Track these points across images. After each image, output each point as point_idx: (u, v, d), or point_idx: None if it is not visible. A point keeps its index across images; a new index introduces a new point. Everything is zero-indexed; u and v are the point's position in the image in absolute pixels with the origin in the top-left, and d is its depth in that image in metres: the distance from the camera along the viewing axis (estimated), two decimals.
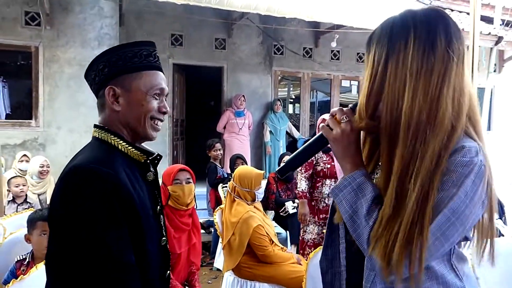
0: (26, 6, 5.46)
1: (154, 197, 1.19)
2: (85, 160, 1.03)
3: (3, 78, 7.48)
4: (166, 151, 6.59)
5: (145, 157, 1.16)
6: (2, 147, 5.38)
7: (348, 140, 0.93)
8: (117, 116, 1.13)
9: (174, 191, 2.21)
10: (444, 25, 0.86)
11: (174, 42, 6.62)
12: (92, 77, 1.15)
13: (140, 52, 1.15)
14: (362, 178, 0.89)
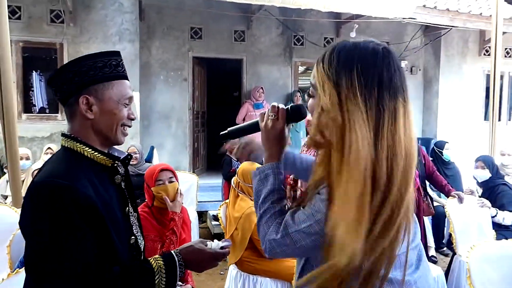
0: (51, 5, 5.66)
1: (123, 199, 1.25)
2: (46, 175, 1.10)
3: (39, 72, 7.85)
4: (187, 143, 6.73)
5: (112, 161, 1.22)
6: (31, 140, 5.67)
7: (268, 133, 1.06)
8: (89, 124, 1.18)
9: (157, 192, 2.19)
10: (379, 75, 0.89)
11: (193, 36, 6.69)
12: (59, 84, 1.18)
13: (110, 62, 1.20)
14: (270, 170, 1.04)
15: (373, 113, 0.86)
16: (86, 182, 1.11)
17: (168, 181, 2.22)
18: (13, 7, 5.59)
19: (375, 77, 0.89)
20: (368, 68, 0.89)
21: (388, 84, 0.89)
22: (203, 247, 1.25)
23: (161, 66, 6.56)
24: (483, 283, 2.05)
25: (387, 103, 0.88)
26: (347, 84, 0.88)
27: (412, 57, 7.52)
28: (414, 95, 7.72)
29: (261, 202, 1.03)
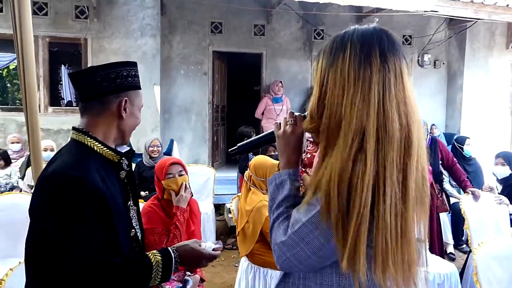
0: (75, 1, 5.84)
1: (126, 193, 1.33)
2: (61, 165, 1.16)
3: (68, 66, 8.11)
4: (206, 137, 6.83)
5: (118, 157, 1.30)
6: (57, 132, 5.89)
7: (288, 140, 1.05)
8: (116, 122, 1.30)
9: (168, 185, 2.24)
10: (379, 42, 0.92)
11: (213, 30, 6.75)
12: (98, 80, 1.26)
13: (131, 73, 1.34)
14: (286, 176, 1.02)
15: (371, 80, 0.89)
16: (97, 175, 1.18)
17: (178, 175, 2.26)
18: (40, 3, 5.80)
19: (372, 45, 0.92)
20: (364, 40, 0.93)
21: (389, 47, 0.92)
22: (197, 247, 1.34)
23: (182, 60, 6.66)
24: (490, 281, 2.03)
25: (393, 63, 0.91)
26: (336, 60, 0.94)
27: (435, 51, 7.35)
28: (437, 89, 7.55)
29: (275, 208, 1.00)
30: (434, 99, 7.48)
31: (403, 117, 0.89)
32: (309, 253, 0.91)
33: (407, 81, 0.92)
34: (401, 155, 0.88)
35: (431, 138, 3.53)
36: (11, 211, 3.00)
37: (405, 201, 0.89)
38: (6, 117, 5.89)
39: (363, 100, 0.88)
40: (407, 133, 0.89)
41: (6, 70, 8.34)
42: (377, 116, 0.87)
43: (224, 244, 4.83)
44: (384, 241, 0.87)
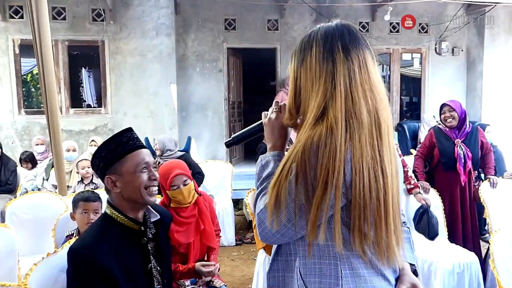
0: (92, 4, 5.97)
1: (146, 257, 1.49)
2: (77, 243, 1.41)
3: (88, 68, 8.32)
4: (223, 133, 6.89)
5: (138, 226, 1.48)
6: (78, 133, 6.06)
7: (273, 126, 1.13)
8: (120, 195, 1.45)
9: (174, 196, 2.21)
10: (341, 37, 1.01)
11: (227, 27, 6.79)
12: (95, 170, 1.49)
13: (120, 140, 1.44)
14: (271, 157, 1.10)
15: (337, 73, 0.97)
16: (110, 248, 1.37)
17: (183, 185, 2.21)
18: (59, 8, 5.97)
19: (334, 40, 1.00)
20: (326, 37, 1.01)
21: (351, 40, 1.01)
22: None
23: (197, 58, 6.73)
24: (507, 268, 2.00)
25: (356, 55, 0.99)
26: (305, 58, 1.03)
27: (453, 38, 7.18)
28: (456, 77, 7.39)
29: (259, 184, 1.08)
30: (453, 87, 7.33)
31: (370, 103, 0.96)
32: (284, 221, 0.97)
33: (372, 70, 1.00)
34: (374, 137, 0.95)
35: (472, 126, 3.50)
36: (36, 210, 3.12)
37: (383, 178, 0.95)
38: (30, 120, 6.10)
39: (326, 91, 0.97)
40: (376, 116, 0.96)
41: (30, 75, 8.60)
42: (345, 103, 0.94)
43: (243, 238, 4.89)
44: (362, 216, 0.93)
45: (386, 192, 0.96)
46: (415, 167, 3.59)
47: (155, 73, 6.16)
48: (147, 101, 6.17)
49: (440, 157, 3.50)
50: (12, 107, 6.03)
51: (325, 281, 0.97)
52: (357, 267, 0.97)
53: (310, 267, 0.99)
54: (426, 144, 3.64)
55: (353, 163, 0.92)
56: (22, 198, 3.24)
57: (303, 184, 0.93)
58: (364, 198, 0.93)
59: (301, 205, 0.94)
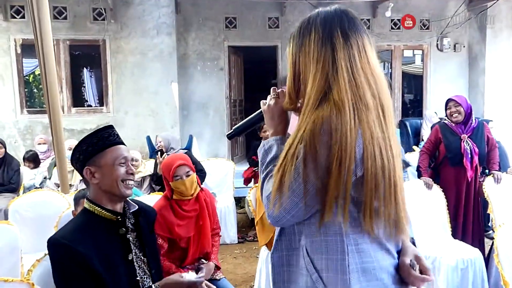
0: (93, 3, 5.98)
1: (126, 247, 1.52)
2: (58, 233, 1.46)
3: (90, 68, 8.34)
4: (225, 131, 6.89)
5: (115, 217, 1.51)
6: (80, 132, 6.07)
7: (272, 112, 1.13)
8: (98, 187, 1.49)
9: (176, 187, 2.24)
10: (340, 22, 1.02)
11: (228, 25, 6.78)
12: (75, 164, 1.54)
13: (102, 135, 1.51)
14: (273, 142, 1.10)
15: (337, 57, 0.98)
16: (88, 239, 1.41)
17: (185, 176, 2.25)
18: (60, 8, 5.97)
19: (333, 26, 1.01)
20: (325, 22, 1.02)
21: (350, 25, 1.02)
22: (179, 279, 1.48)
23: (198, 56, 6.73)
24: (511, 262, 2.00)
25: (355, 40, 1.00)
26: (304, 43, 1.04)
27: (454, 34, 7.16)
28: (458, 73, 7.37)
29: (263, 168, 1.08)
30: (455, 83, 7.30)
31: (373, 86, 0.98)
32: (296, 201, 0.97)
33: (371, 55, 1.02)
34: (380, 119, 0.97)
35: (478, 121, 3.50)
36: (39, 207, 3.13)
37: (393, 157, 0.99)
38: (32, 119, 6.11)
39: (327, 76, 0.98)
40: (379, 100, 0.98)
41: (32, 76, 8.62)
42: (350, 87, 0.96)
43: (246, 236, 4.88)
44: (374, 192, 0.96)
45: (395, 170, 0.98)
46: (419, 162, 3.57)
47: (156, 72, 6.17)
48: (148, 100, 6.17)
49: (446, 153, 3.48)
50: (15, 107, 6.05)
51: (331, 257, 0.99)
52: (361, 243, 0.99)
53: (317, 245, 1.01)
54: (431, 139, 3.62)
55: (364, 143, 0.94)
56: (24, 196, 3.26)
57: (313, 164, 0.94)
58: (377, 177, 0.95)
59: (312, 184, 0.95)
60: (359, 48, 1.00)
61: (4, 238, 2.27)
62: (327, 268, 0.99)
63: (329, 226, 0.99)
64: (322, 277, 0.99)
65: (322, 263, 0.99)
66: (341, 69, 0.97)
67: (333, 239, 0.99)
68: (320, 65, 0.99)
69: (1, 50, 5.95)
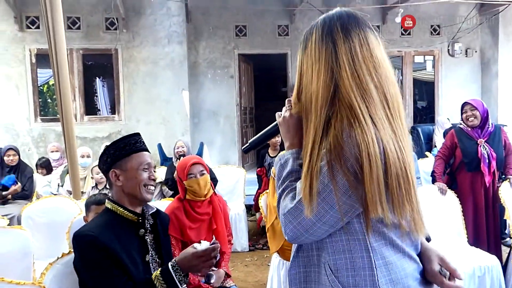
0: (105, 13, 6.08)
1: (144, 248, 1.59)
2: (83, 228, 1.54)
3: (102, 78, 8.45)
4: (235, 139, 6.90)
5: (136, 218, 1.59)
6: (93, 140, 6.14)
7: (288, 124, 1.11)
8: (121, 189, 1.58)
9: (190, 185, 2.25)
10: (339, 18, 1.02)
11: (238, 33, 6.83)
12: (102, 167, 1.63)
13: (129, 141, 1.60)
14: (289, 155, 1.08)
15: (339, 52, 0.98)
16: (111, 235, 1.48)
17: (200, 174, 2.27)
18: (73, 18, 6.09)
19: (333, 23, 1.01)
20: (325, 21, 1.02)
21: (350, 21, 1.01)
22: (190, 250, 1.49)
23: (208, 65, 6.78)
24: None
25: (356, 33, 0.99)
26: (306, 46, 1.04)
27: (466, 39, 7.10)
28: (471, 78, 7.29)
29: (280, 183, 1.06)
30: (467, 88, 7.22)
31: (376, 79, 0.97)
32: (314, 220, 0.95)
33: (375, 47, 1.00)
34: (386, 111, 0.96)
35: (494, 126, 3.44)
36: (51, 213, 3.16)
37: (405, 150, 0.96)
38: (45, 127, 6.20)
39: (332, 72, 0.97)
40: (382, 92, 0.97)
41: (46, 86, 8.76)
42: (353, 80, 0.95)
43: (256, 244, 4.85)
44: (397, 184, 0.93)
45: (410, 164, 0.96)
46: (434, 168, 3.51)
47: (167, 81, 6.22)
48: (160, 108, 6.22)
49: (462, 157, 3.41)
50: (29, 115, 6.15)
51: (359, 274, 0.96)
52: (387, 255, 0.97)
53: (342, 262, 0.98)
54: (447, 144, 3.56)
55: (381, 137, 0.92)
56: (37, 202, 3.29)
57: (343, 171, 0.92)
58: (397, 169, 0.93)
59: (344, 186, 0.93)
60: (360, 41, 0.98)
61: (17, 243, 2.29)
62: (355, 285, 0.96)
63: (353, 242, 0.97)
64: None
65: (349, 281, 0.97)
66: (343, 63, 0.97)
67: (359, 255, 0.97)
68: (323, 61, 0.99)
69: (17, 59, 6.07)
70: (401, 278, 0.97)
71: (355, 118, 0.92)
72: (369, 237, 0.96)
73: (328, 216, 0.94)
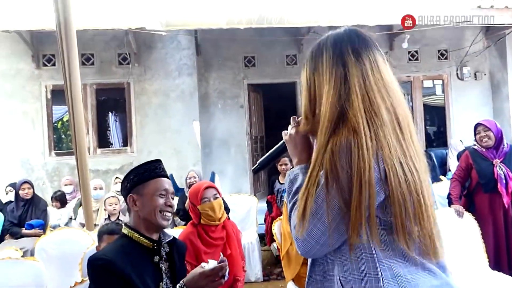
0: (118, 49, 6.28)
1: (159, 276, 1.57)
2: (99, 252, 1.55)
3: (114, 112, 8.62)
4: (246, 168, 6.90)
5: (151, 244, 1.57)
6: (105, 172, 6.19)
7: (295, 141, 1.12)
8: (138, 214, 1.58)
9: (204, 209, 2.25)
10: (350, 41, 1.03)
11: (247, 64, 6.97)
12: (122, 191, 1.65)
13: (149, 167, 1.62)
14: (298, 171, 1.08)
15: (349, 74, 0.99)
16: (126, 260, 1.47)
17: (213, 198, 2.28)
18: (87, 54, 6.29)
19: (344, 45, 1.02)
20: (336, 42, 1.03)
21: (360, 43, 1.02)
22: (198, 270, 1.49)
23: (219, 95, 6.89)
24: None
25: (366, 56, 1.00)
26: (317, 65, 1.05)
27: (474, 62, 7.13)
28: (481, 101, 7.26)
29: (290, 198, 1.06)
30: (479, 112, 7.17)
31: (387, 101, 0.98)
32: (322, 229, 0.95)
33: (384, 69, 1.01)
34: (397, 133, 0.96)
35: (510, 146, 3.40)
36: (64, 246, 3.16)
37: (416, 171, 0.95)
38: (60, 161, 6.29)
39: (340, 94, 0.98)
40: (394, 114, 0.97)
41: (61, 123, 8.95)
42: (363, 103, 0.96)
43: (270, 274, 4.75)
44: (403, 210, 0.92)
45: (421, 185, 0.95)
46: (450, 190, 3.45)
47: (178, 112, 6.32)
48: (171, 139, 6.29)
49: (479, 179, 3.37)
50: (44, 149, 6.26)
51: (365, 286, 0.94)
52: (395, 267, 0.94)
53: (349, 273, 0.97)
54: (462, 166, 3.51)
55: (384, 159, 0.92)
56: (51, 234, 3.30)
57: (336, 188, 0.92)
58: (403, 193, 0.92)
59: (337, 210, 0.93)
60: (371, 64, 1.00)
61: (30, 274, 2.29)
62: None
63: (360, 253, 0.96)
64: None
65: None
66: (353, 86, 0.97)
67: (366, 266, 0.95)
68: (333, 84, 1.00)
69: (33, 96, 6.25)
70: None
71: (355, 137, 0.92)
72: (376, 248, 0.94)
73: (336, 223, 0.94)
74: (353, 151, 0.91)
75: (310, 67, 1.07)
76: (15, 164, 6.16)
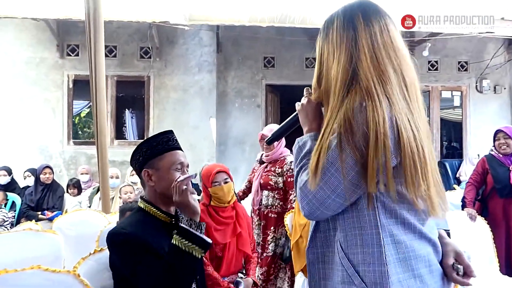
0: (141, 42, 6.40)
1: None
2: (117, 226, 1.54)
3: (131, 110, 8.75)
4: None
5: (169, 219, 1.55)
6: (122, 164, 6.29)
7: (306, 110, 1.16)
8: (154, 189, 1.53)
9: (215, 192, 2.30)
10: (360, 8, 1.07)
11: (266, 64, 7.03)
12: (134, 165, 1.60)
13: (161, 139, 1.54)
14: (307, 137, 1.11)
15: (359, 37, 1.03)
16: (143, 232, 1.43)
17: (224, 182, 2.32)
18: (110, 46, 6.42)
19: (354, 12, 1.06)
20: (346, 10, 1.08)
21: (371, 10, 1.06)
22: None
23: (236, 94, 6.95)
24: None
25: (376, 20, 1.04)
26: (328, 33, 1.09)
27: (494, 76, 7.06)
28: (500, 115, 7.18)
29: (298, 163, 1.09)
30: (496, 126, 7.03)
31: (395, 62, 1.01)
32: (328, 192, 0.97)
33: (394, 32, 1.05)
34: (404, 94, 0.99)
35: None
36: (79, 227, 3.22)
37: (421, 128, 0.99)
38: (77, 150, 6.42)
39: (352, 56, 1.02)
40: (401, 75, 1.01)
41: (78, 118, 9.13)
42: (372, 62, 1.00)
43: None
44: (412, 163, 0.95)
45: (426, 144, 0.99)
46: (465, 193, 3.47)
47: (196, 108, 6.40)
48: (188, 134, 6.36)
49: (494, 184, 3.40)
50: (62, 138, 6.39)
51: (368, 251, 0.97)
52: (396, 234, 0.97)
53: (352, 239, 0.99)
54: (478, 171, 3.54)
55: (396, 114, 0.95)
56: (67, 215, 3.38)
57: (352, 142, 0.95)
58: (411, 149, 0.95)
59: (353, 162, 0.95)
60: (381, 27, 1.04)
61: (49, 246, 2.35)
62: (363, 262, 0.97)
63: (363, 219, 0.98)
64: (359, 271, 0.97)
65: (358, 257, 0.98)
66: (362, 47, 1.01)
67: (369, 232, 0.98)
68: (343, 46, 1.04)
69: (55, 85, 6.40)
70: (409, 258, 0.97)
71: (369, 96, 0.96)
72: (379, 214, 0.97)
73: (341, 188, 0.96)
74: (368, 108, 0.94)
75: (322, 36, 1.12)
76: (34, 151, 6.30)
